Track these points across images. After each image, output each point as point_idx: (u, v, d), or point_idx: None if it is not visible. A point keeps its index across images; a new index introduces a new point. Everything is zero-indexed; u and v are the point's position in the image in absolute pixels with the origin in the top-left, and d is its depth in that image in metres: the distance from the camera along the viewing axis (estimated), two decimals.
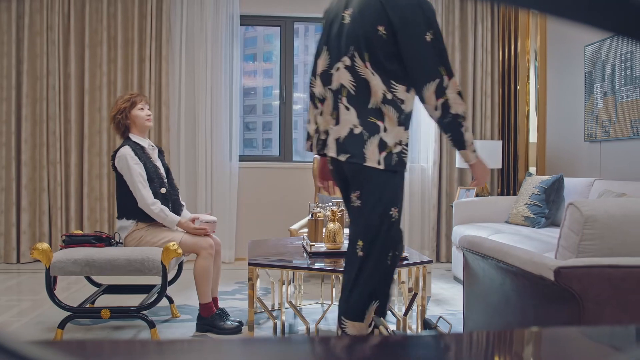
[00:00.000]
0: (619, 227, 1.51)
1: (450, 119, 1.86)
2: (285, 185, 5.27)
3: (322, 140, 2.05)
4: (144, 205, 2.90)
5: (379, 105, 1.90)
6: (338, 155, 1.92)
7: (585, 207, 1.52)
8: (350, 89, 1.92)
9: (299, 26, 5.69)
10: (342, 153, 1.91)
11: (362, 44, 1.89)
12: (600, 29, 0.21)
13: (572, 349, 0.54)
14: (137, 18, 4.97)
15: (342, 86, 1.94)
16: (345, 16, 1.97)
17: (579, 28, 0.20)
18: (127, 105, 3.04)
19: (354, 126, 1.90)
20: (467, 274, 2.17)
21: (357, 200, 1.95)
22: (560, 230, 1.61)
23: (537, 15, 4.95)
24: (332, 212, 2.92)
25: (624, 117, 3.76)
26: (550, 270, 1.45)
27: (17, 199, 4.90)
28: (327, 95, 2.03)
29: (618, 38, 0.24)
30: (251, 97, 6.34)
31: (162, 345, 0.56)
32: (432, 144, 5.23)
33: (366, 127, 1.89)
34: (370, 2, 1.89)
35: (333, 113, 1.97)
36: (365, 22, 1.89)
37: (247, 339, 0.50)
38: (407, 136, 1.95)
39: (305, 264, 2.69)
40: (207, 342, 0.52)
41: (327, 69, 2.04)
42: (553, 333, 0.61)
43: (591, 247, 1.52)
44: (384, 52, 1.88)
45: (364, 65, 1.90)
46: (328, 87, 2.03)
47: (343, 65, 1.95)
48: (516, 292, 1.75)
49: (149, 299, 2.99)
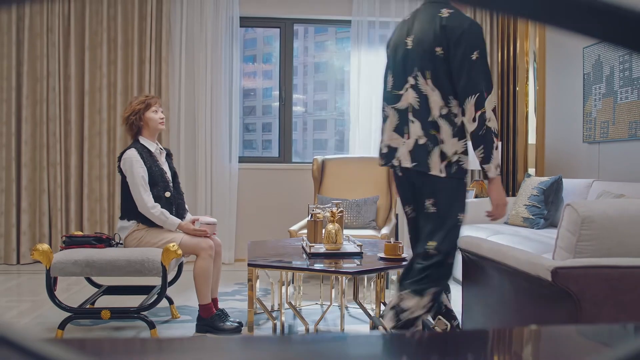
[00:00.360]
0: (616, 227, 1.52)
1: (485, 131, 2.10)
2: (285, 187, 5.28)
3: (384, 154, 2.35)
4: (143, 209, 2.91)
5: (436, 119, 2.17)
6: (411, 164, 2.20)
7: (582, 208, 1.53)
8: (415, 105, 2.20)
9: (298, 27, 5.71)
10: (412, 162, 2.20)
11: (424, 64, 2.18)
12: (598, 39, 0.22)
13: (565, 346, 0.55)
14: (137, 20, 4.98)
15: (410, 104, 2.22)
16: (408, 42, 2.26)
17: (576, 37, 0.21)
18: (141, 107, 3.04)
19: (419, 137, 2.18)
20: (466, 274, 2.18)
21: (432, 207, 2.20)
22: (557, 231, 1.63)
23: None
24: (331, 213, 2.93)
25: (622, 118, 3.77)
26: (548, 270, 1.46)
27: (17, 200, 4.91)
28: (390, 114, 2.33)
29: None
30: (251, 99, 6.35)
31: (162, 343, 0.57)
32: None
33: (429, 139, 2.16)
34: (431, 26, 2.17)
35: (404, 129, 2.24)
36: (427, 44, 2.17)
37: (246, 337, 0.51)
38: (462, 146, 2.19)
39: (304, 264, 2.70)
40: (206, 340, 0.53)
41: (392, 90, 2.34)
42: (548, 331, 0.62)
43: (588, 247, 1.53)
44: (442, 70, 2.15)
45: (425, 83, 2.18)
46: (392, 106, 2.32)
47: (409, 85, 2.23)
48: (514, 292, 1.76)
49: (149, 299, 3.00)
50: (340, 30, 5.88)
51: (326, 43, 6.39)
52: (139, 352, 0.49)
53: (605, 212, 1.52)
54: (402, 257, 2.74)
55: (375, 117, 5.26)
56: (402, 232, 5.19)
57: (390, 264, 2.70)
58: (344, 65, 5.82)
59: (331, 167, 4.80)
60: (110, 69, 5.02)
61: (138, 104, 3.06)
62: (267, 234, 5.12)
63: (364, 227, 4.41)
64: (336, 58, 6.16)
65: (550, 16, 0.21)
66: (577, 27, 0.21)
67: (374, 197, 4.55)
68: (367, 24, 5.23)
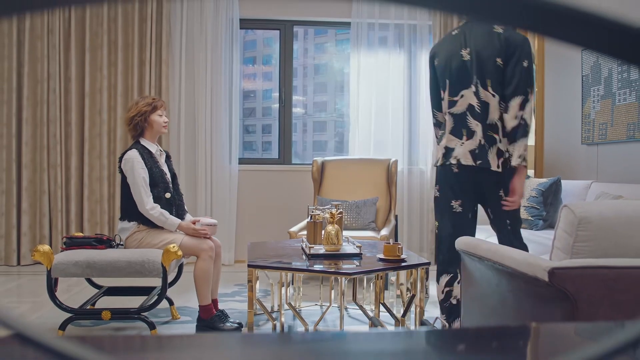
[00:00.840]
0: (612, 228, 1.53)
1: (524, 125, 2.45)
2: (285, 188, 5.29)
3: (444, 154, 2.62)
4: (143, 210, 2.92)
5: (495, 121, 2.50)
6: (475, 162, 2.50)
7: (578, 209, 1.54)
8: (477, 109, 2.50)
9: (298, 29, 5.72)
10: (475, 160, 2.50)
11: (485, 73, 2.48)
12: (600, 53, 0.23)
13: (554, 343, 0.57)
14: (138, 22, 5.00)
15: (471, 108, 2.51)
16: (464, 54, 2.54)
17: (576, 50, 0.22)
18: (148, 109, 3.05)
19: (481, 138, 2.49)
20: (464, 275, 2.19)
21: (504, 196, 2.57)
22: (554, 232, 1.64)
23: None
24: (330, 214, 2.94)
25: (620, 120, 3.79)
26: (545, 271, 1.47)
27: (17, 202, 4.93)
28: (446, 119, 2.60)
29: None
30: (251, 100, 6.37)
31: (161, 340, 0.58)
32: (430, 147, 5.26)
33: (487, 140, 2.48)
34: (490, 40, 2.49)
35: (462, 131, 2.53)
36: (488, 56, 2.48)
37: (245, 335, 0.52)
38: (508, 144, 2.52)
39: (304, 265, 2.71)
40: (204, 337, 0.54)
41: (448, 96, 2.60)
42: (542, 328, 0.63)
43: (585, 248, 1.55)
44: (500, 79, 2.47)
45: (485, 90, 2.49)
46: (449, 111, 2.59)
47: (468, 91, 2.51)
48: (512, 293, 1.78)
49: (149, 300, 3.01)
50: (340, 32, 5.90)
51: (326, 45, 6.41)
52: (154, 348, 0.50)
53: (602, 213, 1.54)
54: (401, 258, 2.75)
55: (375, 118, 5.28)
56: (402, 233, 5.21)
57: (389, 265, 2.71)
58: (344, 67, 5.84)
59: (331, 169, 4.82)
60: (111, 70, 5.04)
61: (145, 105, 3.06)
62: (267, 235, 5.14)
63: (364, 228, 4.42)
64: (336, 60, 6.18)
65: (555, 30, 0.22)
66: (584, 42, 0.22)
67: (373, 199, 4.56)
68: (367, 26, 5.25)
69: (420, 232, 5.31)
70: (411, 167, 5.30)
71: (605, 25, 0.21)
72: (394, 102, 5.29)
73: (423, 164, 5.32)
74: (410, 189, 5.28)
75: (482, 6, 0.22)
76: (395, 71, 5.28)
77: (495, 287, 1.89)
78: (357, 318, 3.35)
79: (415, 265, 2.75)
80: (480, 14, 0.22)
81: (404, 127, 5.28)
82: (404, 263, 2.72)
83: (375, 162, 4.84)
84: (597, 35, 0.22)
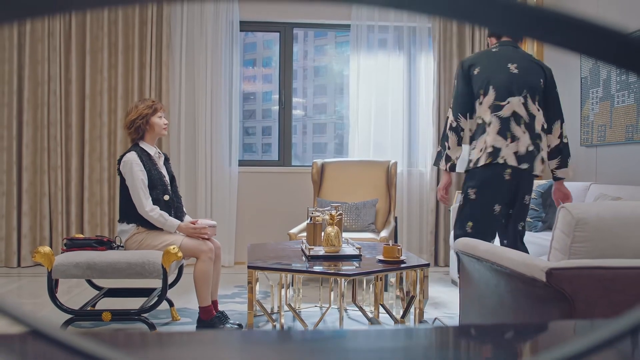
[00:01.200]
0: (609, 229, 1.54)
1: (566, 143, 2.91)
2: (285, 190, 5.30)
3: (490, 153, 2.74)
4: (142, 212, 2.94)
5: (540, 132, 2.79)
6: (519, 165, 2.70)
7: (576, 210, 1.56)
8: (525, 119, 2.75)
9: (298, 32, 5.74)
10: (523, 163, 2.71)
11: (534, 89, 2.81)
12: (599, 60, 0.24)
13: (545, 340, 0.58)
14: (138, 24, 5.02)
15: (517, 115, 2.74)
16: (512, 68, 2.81)
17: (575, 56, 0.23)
18: (149, 111, 3.06)
19: (528, 145, 2.72)
20: (463, 276, 2.21)
21: (529, 200, 2.90)
22: (552, 233, 1.65)
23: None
24: (330, 216, 2.95)
25: (619, 122, 3.80)
26: (542, 271, 1.48)
27: (18, 203, 4.94)
28: (494, 121, 2.77)
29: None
30: (250, 102, 6.38)
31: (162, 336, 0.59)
32: (429, 149, 5.27)
33: (535, 147, 2.75)
34: (531, 63, 2.87)
35: (507, 133, 2.73)
36: (534, 76, 2.83)
37: (245, 332, 0.53)
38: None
39: (304, 267, 2.72)
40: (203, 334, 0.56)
41: (494, 101, 2.79)
42: (537, 327, 0.65)
43: (582, 249, 1.56)
44: (542, 97, 2.84)
45: (533, 104, 2.79)
46: (496, 114, 2.76)
47: (517, 100, 2.75)
48: (510, 293, 1.79)
49: (149, 301, 3.02)
50: (339, 35, 5.91)
51: (326, 47, 6.43)
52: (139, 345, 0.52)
53: (599, 215, 1.55)
54: (401, 260, 2.76)
55: (375, 120, 5.30)
56: (402, 234, 5.22)
57: (388, 267, 2.72)
58: (344, 69, 5.85)
59: (330, 171, 4.83)
60: (111, 73, 5.05)
61: (145, 108, 3.07)
62: (267, 237, 5.15)
63: (363, 230, 4.43)
64: (335, 62, 6.19)
65: (555, 37, 0.23)
66: (583, 49, 0.23)
67: (373, 200, 4.57)
68: (367, 28, 5.27)
69: (419, 234, 5.32)
70: (411, 168, 5.31)
71: (594, 31, 0.22)
72: (393, 104, 5.30)
73: (422, 166, 5.33)
74: (410, 191, 5.29)
75: (481, 12, 0.23)
76: (395, 73, 5.30)
77: (494, 288, 1.90)
78: (356, 319, 3.36)
79: (415, 266, 2.76)
80: (478, 20, 0.23)
81: (403, 129, 5.30)
82: (403, 264, 2.73)
83: (374, 164, 4.85)
84: (586, 41, 0.23)
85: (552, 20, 0.22)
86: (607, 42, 0.23)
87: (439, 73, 5.27)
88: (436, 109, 5.26)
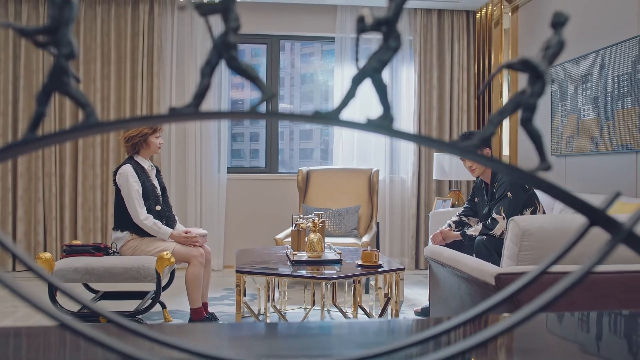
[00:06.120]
0: (551, 239, 1.77)
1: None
2: (271, 196, 5.51)
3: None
4: (137, 220, 3.13)
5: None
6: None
7: (522, 223, 1.78)
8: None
9: (284, 42, 5.95)
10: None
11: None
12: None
13: None
14: (130, 36, 5.20)
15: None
16: None
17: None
18: (149, 130, 3.26)
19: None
20: (432, 280, 2.43)
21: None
22: (504, 242, 1.88)
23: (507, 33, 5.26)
24: (313, 223, 3.16)
25: (584, 134, 4.05)
26: (492, 276, 1.71)
27: (13, 209, 5.10)
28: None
29: (580, 60, 0.37)
30: (239, 109, 6.57)
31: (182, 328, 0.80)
32: (411, 157, 5.50)
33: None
34: None
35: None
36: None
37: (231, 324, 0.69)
38: None
39: (288, 271, 2.92)
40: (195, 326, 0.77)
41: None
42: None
43: (528, 256, 1.79)
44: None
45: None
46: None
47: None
48: (469, 296, 2.01)
49: (143, 304, 3.21)
50: (326, 44, 6.14)
51: (312, 57, 6.64)
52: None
53: (542, 226, 1.78)
54: (378, 264, 2.98)
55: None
56: (384, 239, 5.45)
57: (366, 271, 2.94)
58: (329, 78, 6.07)
59: (315, 178, 5.04)
60: (104, 83, 5.23)
61: (146, 127, 3.27)
62: (254, 242, 5.34)
63: (346, 235, 4.65)
64: (321, 71, 6.41)
65: None
66: None
67: (355, 207, 4.79)
68: (351, 41, 5.49)
69: (401, 238, 5.55)
70: (392, 176, 5.54)
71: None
72: (376, 114, 5.51)
73: (404, 173, 5.56)
74: (392, 197, 5.52)
75: None
76: None
77: (457, 291, 2.13)
78: (337, 320, 3.57)
79: (391, 270, 2.98)
80: None
81: (385, 137, 5.49)
82: (380, 269, 2.95)
83: (357, 171, 5.07)
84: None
85: None
86: None
87: (420, 83, 5.51)
88: (417, 118, 5.50)
